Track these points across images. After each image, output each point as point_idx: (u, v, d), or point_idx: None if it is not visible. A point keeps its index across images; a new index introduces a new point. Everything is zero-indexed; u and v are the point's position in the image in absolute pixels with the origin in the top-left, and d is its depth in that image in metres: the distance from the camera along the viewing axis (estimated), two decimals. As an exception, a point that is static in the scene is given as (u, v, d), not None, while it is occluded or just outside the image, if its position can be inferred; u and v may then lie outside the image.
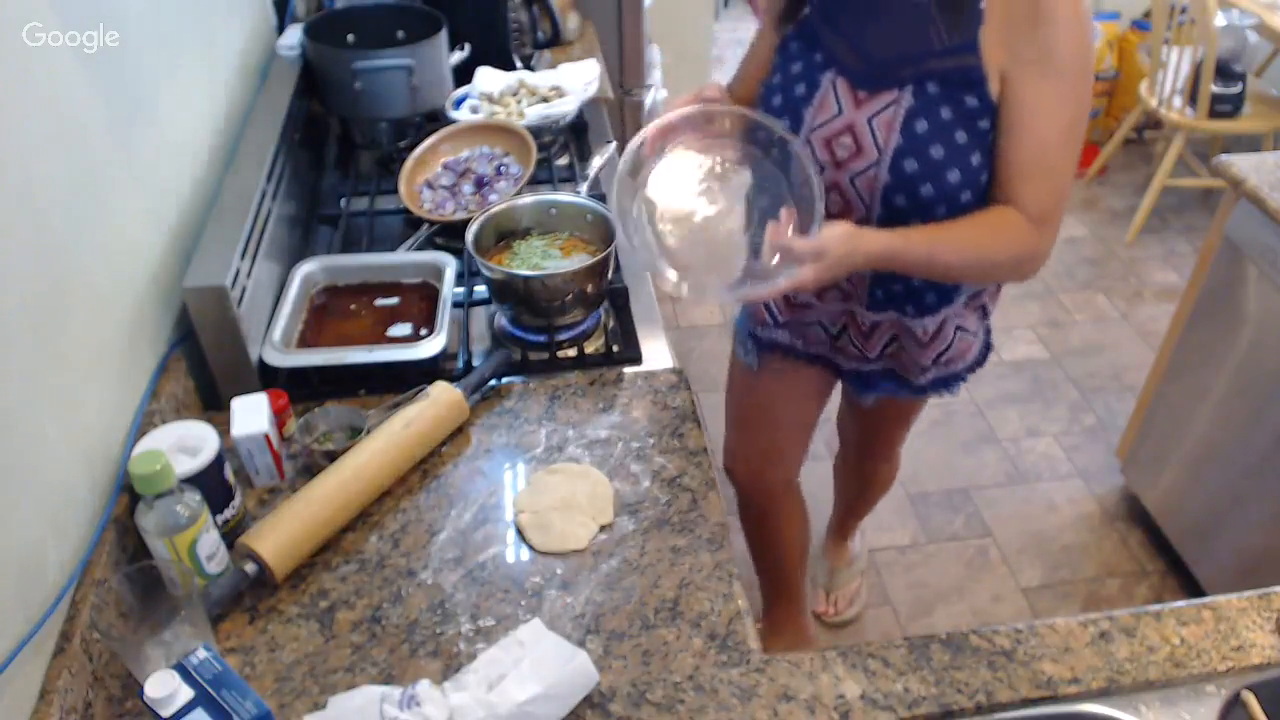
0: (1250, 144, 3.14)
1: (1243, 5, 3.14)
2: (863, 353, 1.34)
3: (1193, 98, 3.12)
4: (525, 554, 1.05)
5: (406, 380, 1.22)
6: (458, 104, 1.78)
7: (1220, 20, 3.01)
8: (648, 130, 1.13)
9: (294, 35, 1.73)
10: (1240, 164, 1.75)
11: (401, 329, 1.32)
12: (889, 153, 1.08)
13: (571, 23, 2.19)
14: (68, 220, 0.98)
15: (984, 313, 1.35)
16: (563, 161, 1.79)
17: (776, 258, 1.05)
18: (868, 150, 1.09)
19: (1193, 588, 2.08)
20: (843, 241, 1.03)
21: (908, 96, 1.06)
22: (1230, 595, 0.97)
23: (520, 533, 1.07)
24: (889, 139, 1.07)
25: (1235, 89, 3.07)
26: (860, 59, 1.10)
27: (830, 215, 1.12)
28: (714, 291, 1.16)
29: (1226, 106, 3.10)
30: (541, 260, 1.38)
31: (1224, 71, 3.05)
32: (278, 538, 0.99)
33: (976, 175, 1.08)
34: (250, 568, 0.97)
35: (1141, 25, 3.74)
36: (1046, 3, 0.99)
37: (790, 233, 1.04)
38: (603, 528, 1.07)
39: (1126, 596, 2.13)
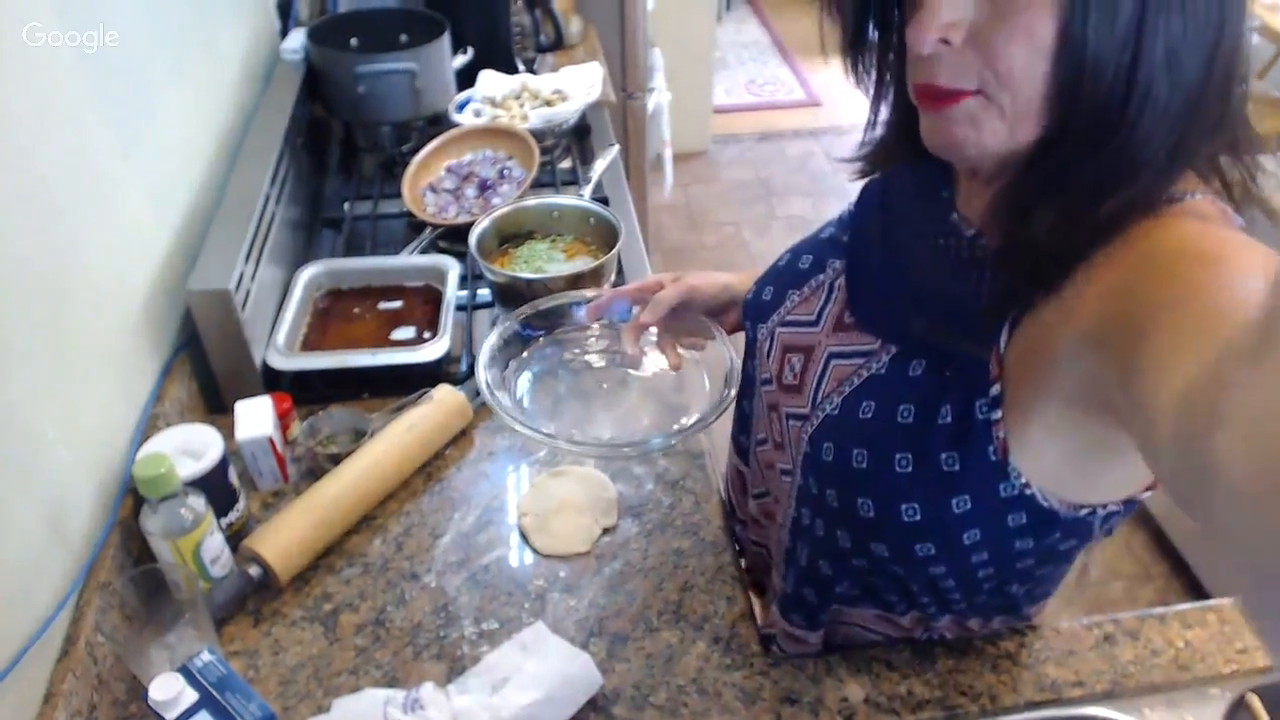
0: (1254, 145, 3.13)
1: (1251, 8, 3.13)
2: None
3: (1196, 99, 3.12)
4: (528, 557, 1.05)
5: (410, 383, 1.22)
6: (461, 107, 1.78)
7: (1223, 22, 3.01)
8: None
9: (297, 39, 1.74)
10: (1243, 166, 1.75)
11: (405, 332, 1.33)
12: (818, 416, 0.77)
13: (574, 26, 2.19)
14: (72, 223, 0.99)
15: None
16: (565, 165, 1.79)
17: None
18: (805, 393, 0.79)
19: (1197, 590, 2.07)
20: None
21: (883, 359, 0.73)
22: (1234, 598, 0.97)
23: (523, 535, 1.07)
24: (829, 397, 0.77)
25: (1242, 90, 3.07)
26: (877, 273, 0.78)
27: (774, 442, 0.89)
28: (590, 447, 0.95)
29: (1230, 108, 3.10)
30: (545, 263, 1.39)
31: (1227, 73, 3.04)
32: (281, 541, 0.99)
33: (902, 535, 0.72)
34: (254, 571, 0.98)
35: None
36: (1137, 243, 0.56)
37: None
38: (605, 530, 1.07)
39: (1131, 599, 2.12)
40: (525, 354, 1.03)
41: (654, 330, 0.98)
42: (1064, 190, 0.59)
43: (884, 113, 0.74)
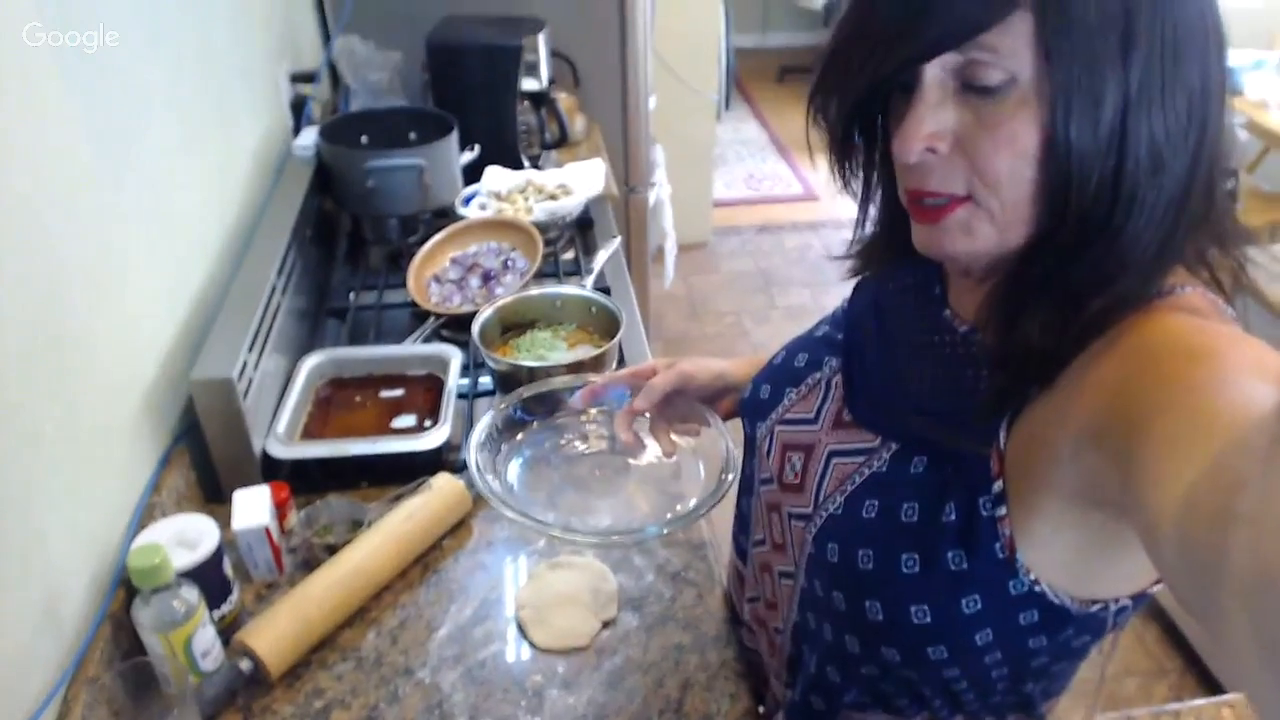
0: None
1: (1231, 104, 3.23)
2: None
3: (1186, 193, 3.19)
4: (526, 652, 1.03)
5: (410, 472, 1.22)
6: (467, 201, 1.83)
7: (1209, 120, 3.09)
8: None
9: (309, 136, 1.79)
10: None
11: (406, 420, 1.33)
12: (821, 515, 0.75)
13: (578, 124, 2.26)
14: (84, 311, 1.00)
15: None
16: (568, 256, 1.82)
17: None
18: (806, 493, 0.78)
19: (1211, 686, 2.02)
20: None
21: (884, 457, 0.72)
22: (1244, 691, 0.94)
23: (521, 629, 1.05)
24: (831, 497, 0.75)
25: (1228, 185, 3.14)
26: (874, 369, 0.77)
27: (773, 543, 0.86)
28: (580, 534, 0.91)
29: (1220, 202, 3.16)
30: (547, 351, 1.40)
31: (1216, 168, 3.11)
32: (274, 634, 0.97)
33: (913, 637, 0.69)
34: (245, 665, 0.95)
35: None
36: (1129, 335, 0.56)
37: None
38: (605, 624, 1.05)
39: (1145, 695, 2.06)
40: (519, 438, 1.00)
41: (647, 416, 0.96)
42: (1054, 289, 0.59)
43: (873, 212, 0.75)
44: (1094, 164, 0.55)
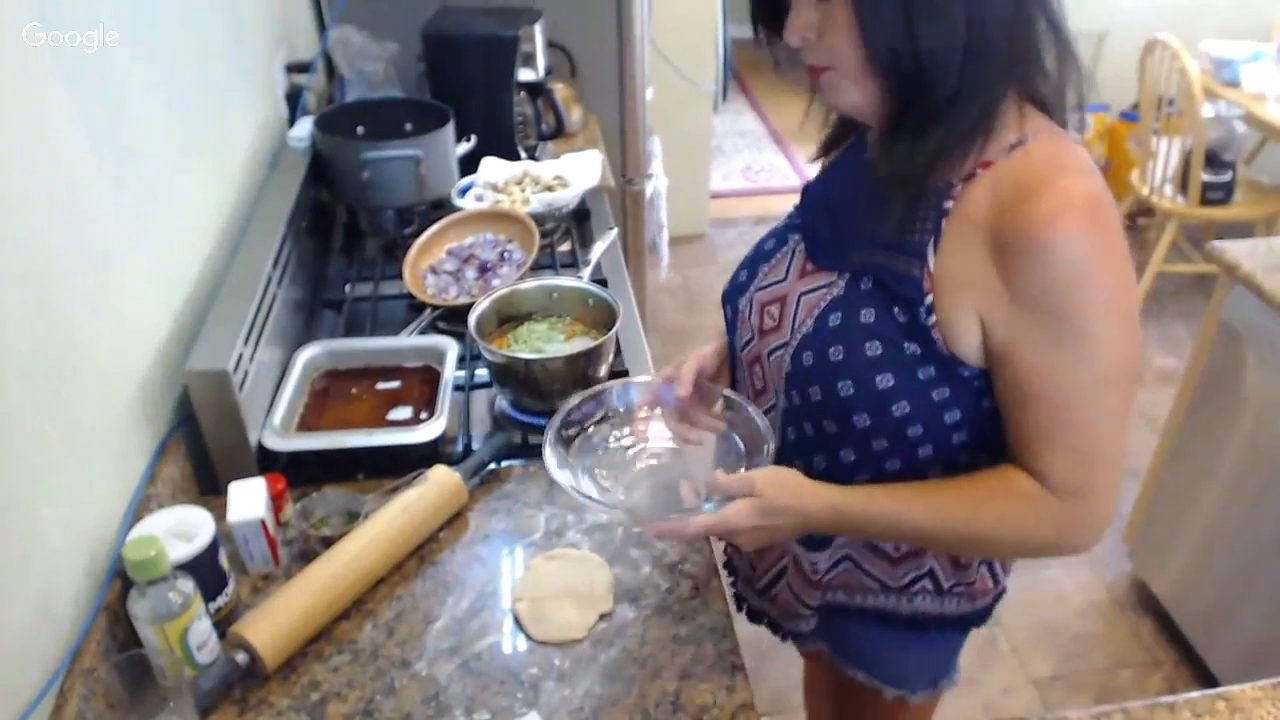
0: (1243, 230, 3.20)
1: (1229, 96, 3.23)
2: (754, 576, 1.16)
3: (1184, 186, 3.19)
4: (522, 643, 1.03)
5: (406, 464, 1.21)
6: (463, 192, 1.82)
7: (1208, 111, 3.10)
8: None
9: (304, 127, 1.78)
10: (1234, 250, 1.77)
11: (402, 412, 1.33)
12: (797, 337, 0.95)
13: (575, 116, 2.25)
14: (78, 303, 1.00)
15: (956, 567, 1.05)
16: (565, 248, 1.82)
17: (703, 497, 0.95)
18: (784, 327, 0.97)
19: (1205, 677, 2.03)
20: (779, 486, 0.90)
21: (840, 284, 0.93)
22: (1244, 685, 0.95)
23: (518, 621, 1.05)
24: (803, 322, 0.95)
25: (1225, 177, 3.14)
26: (826, 228, 0.99)
27: (756, 391, 1.04)
28: (642, 514, 1.01)
29: (1218, 194, 3.16)
30: (543, 344, 1.39)
31: (1214, 160, 3.12)
32: (270, 627, 0.97)
33: (879, 401, 0.89)
34: (241, 657, 0.95)
35: (1129, 117, 3.85)
36: (1040, 237, 0.78)
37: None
38: (602, 616, 1.05)
39: (1139, 688, 2.07)
40: (576, 439, 1.06)
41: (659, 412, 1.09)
42: (907, 124, 0.82)
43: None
44: (890, 35, 0.78)
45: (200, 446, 1.21)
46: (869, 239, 0.91)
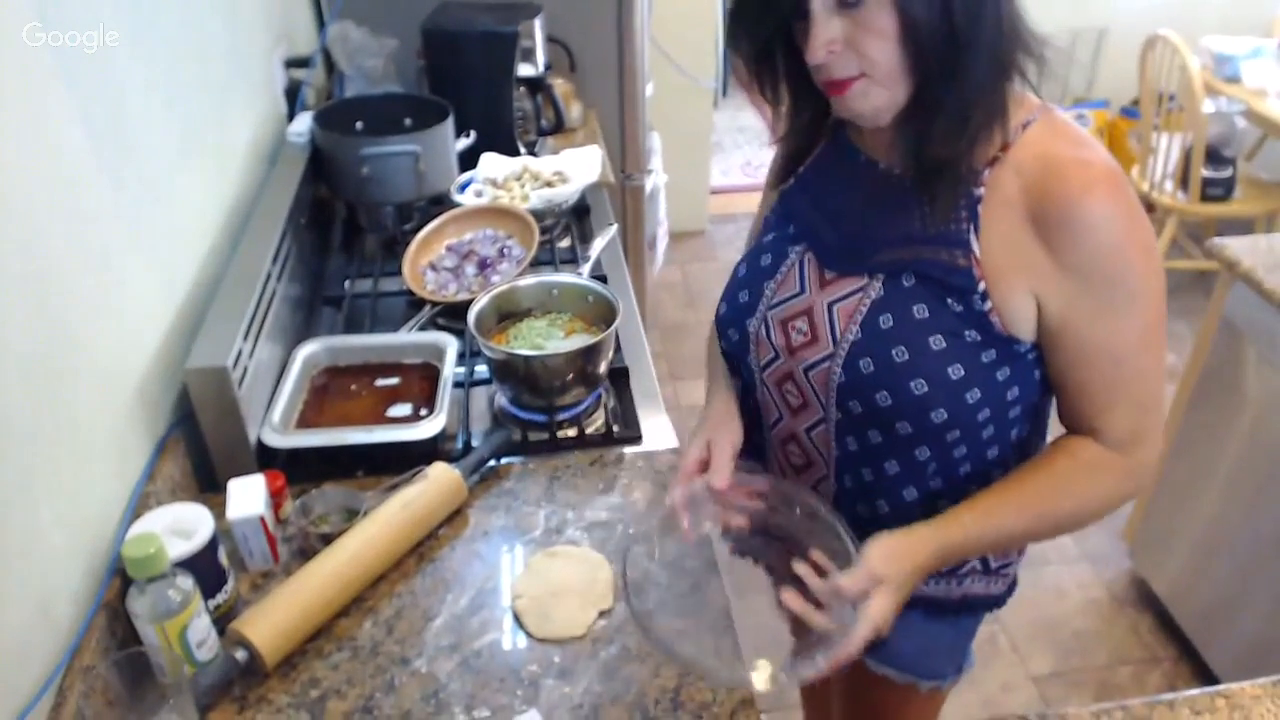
0: (1243, 227, 3.19)
1: (1230, 92, 3.23)
2: None
3: (1184, 182, 3.19)
4: (522, 641, 1.03)
5: (406, 461, 1.21)
6: (462, 188, 1.82)
7: (1208, 107, 3.09)
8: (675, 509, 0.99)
9: (304, 123, 1.78)
10: (1234, 246, 1.77)
11: (401, 409, 1.32)
12: (844, 347, 0.92)
13: (574, 111, 2.24)
14: (76, 300, 0.99)
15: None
16: (564, 244, 1.81)
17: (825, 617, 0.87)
18: (823, 339, 0.94)
19: (1205, 674, 2.03)
20: (892, 558, 0.87)
21: (877, 285, 0.92)
22: (1244, 683, 0.95)
23: (517, 618, 1.05)
24: (846, 331, 0.92)
25: (1226, 173, 3.14)
26: (832, 234, 0.97)
27: (791, 409, 1.01)
28: (785, 675, 0.92)
29: (1218, 190, 3.16)
30: (542, 340, 1.39)
31: (1214, 156, 3.11)
32: (269, 624, 0.97)
33: (954, 392, 0.89)
34: (240, 655, 0.95)
35: (1130, 113, 3.84)
36: (1080, 211, 0.82)
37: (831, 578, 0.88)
38: (602, 613, 1.05)
39: (1139, 685, 2.07)
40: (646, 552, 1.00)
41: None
42: (943, 111, 0.83)
43: (786, 125, 1.00)
44: (933, 30, 0.78)
45: (199, 444, 1.21)
46: (898, 237, 0.91)
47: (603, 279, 1.61)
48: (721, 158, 4.67)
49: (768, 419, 1.06)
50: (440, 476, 1.16)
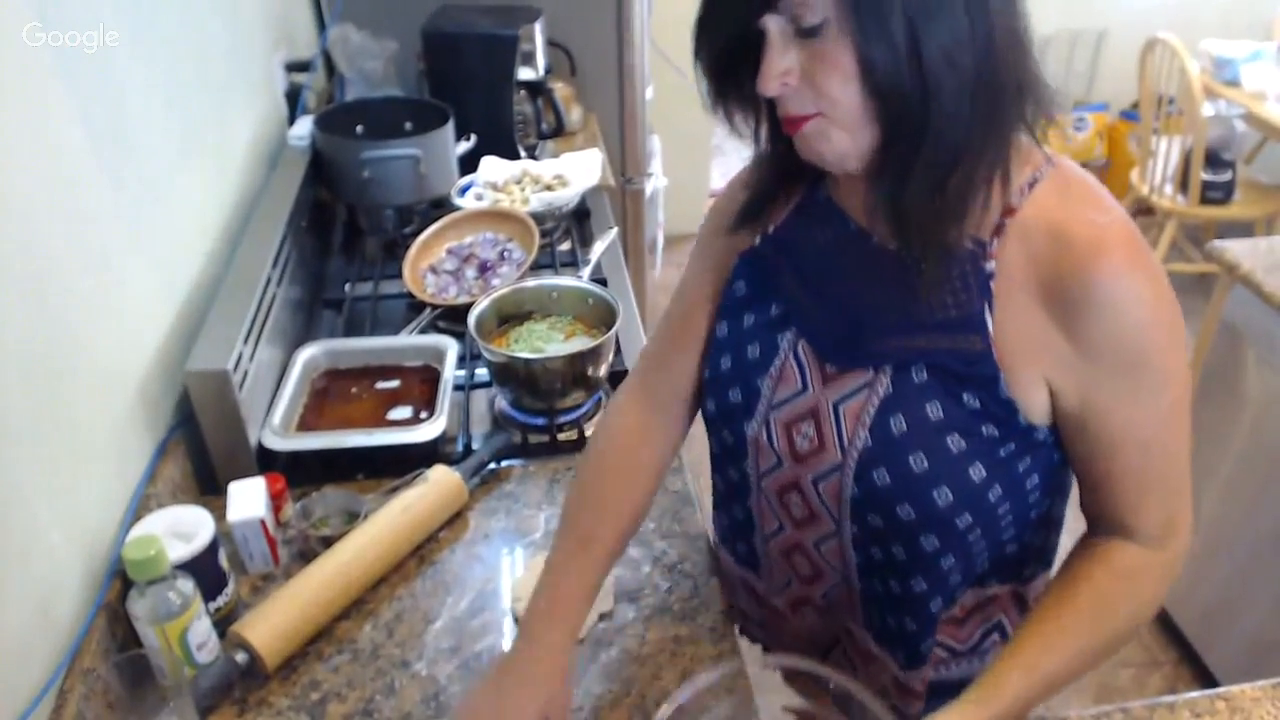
0: (1243, 229, 3.20)
1: (1229, 95, 3.23)
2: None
3: (1184, 185, 3.19)
4: (523, 643, 1.02)
5: (406, 464, 1.21)
6: (463, 191, 1.82)
7: (1208, 110, 3.09)
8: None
9: (304, 126, 1.78)
10: (1234, 249, 1.77)
11: (402, 412, 1.32)
12: (854, 456, 0.81)
13: (574, 115, 2.25)
14: (76, 300, 0.99)
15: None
16: (565, 247, 1.82)
17: None
18: (830, 447, 0.83)
19: (1205, 677, 2.03)
20: None
21: (885, 381, 0.80)
22: (1244, 685, 0.95)
23: (517, 621, 1.05)
24: (854, 436, 0.81)
25: (1225, 176, 3.14)
26: (827, 318, 0.85)
27: (795, 521, 0.90)
28: None
29: (1218, 193, 3.16)
30: (542, 343, 1.39)
31: (1214, 159, 3.12)
32: (269, 626, 0.97)
33: (978, 496, 0.79)
34: (241, 657, 0.95)
35: (1130, 116, 3.84)
36: (1102, 289, 0.72)
37: None
38: (602, 616, 1.05)
39: (1139, 687, 2.07)
40: None
41: None
42: (914, 171, 0.71)
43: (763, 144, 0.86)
44: (897, 72, 0.67)
45: (200, 446, 1.21)
46: (904, 322, 0.79)
47: (603, 282, 1.61)
48: (722, 161, 4.67)
49: (765, 528, 0.95)
50: (441, 479, 1.16)
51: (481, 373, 1.43)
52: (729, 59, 0.76)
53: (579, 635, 0.93)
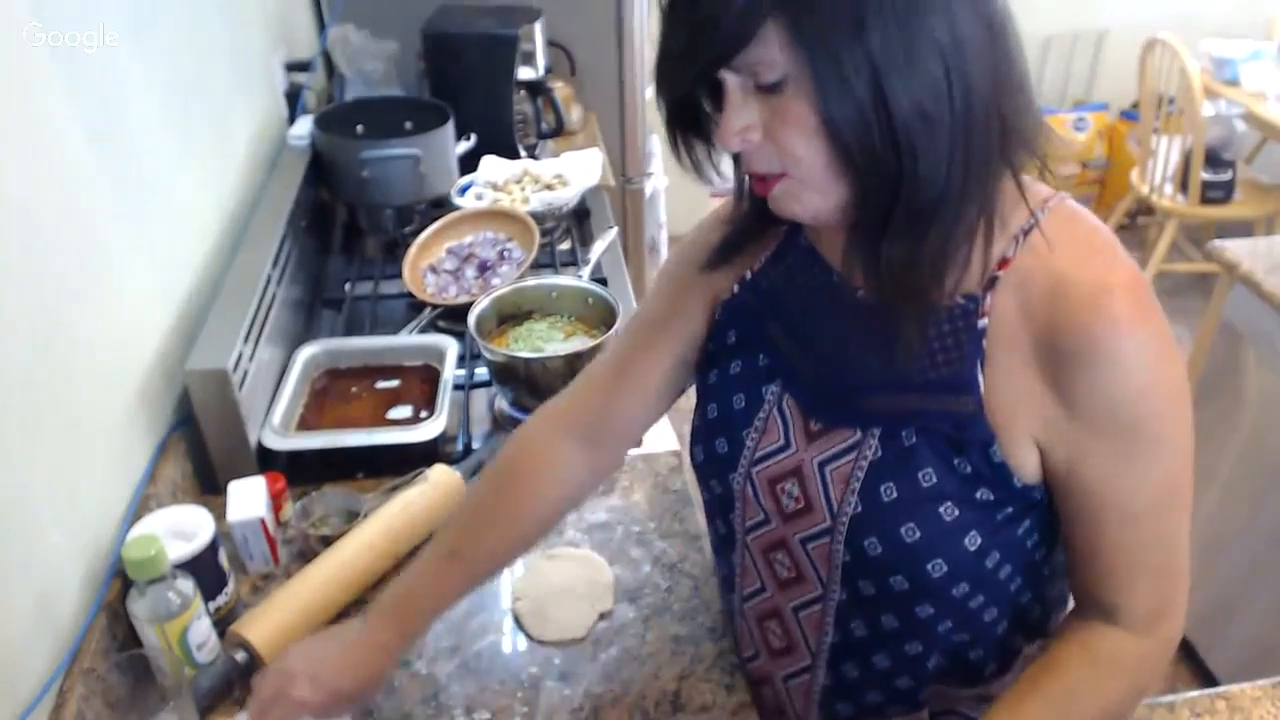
0: (1243, 229, 3.20)
1: (1229, 95, 3.23)
2: None
3: (1184, 185, 3.19)
4: (522, 643, 1.03)
5: (406, 463, 1.21)
6: (463, 191, 1.82)
7: (1208, 110, 3.09)
8: None
9: (304, 126, 1.78)
10: (1234, 249, 1.77)
11: (402, 411, 1.32)
12: (844, 520, 0.77)
13: (575, 114, 2.25)
14: (77, 302, 0.99)
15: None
16: (565, 246, 1.82)
17: None
18: (818, 509, 0.79)
19: (1205, 676, 2.03)
20: None
21: (873, 443, 0.76)
22: (1244, 685, 0.95)
23: (517, 621, 1.05)
24: (844, 502, 0.77)
25: (1225, 176, 3.14)
26: (811, 371, 0.81)
27: (779, 582, 0.86)
28: None
29: (1218, 193, 3.16)
30: (542, 343, 1.39)
31: (1214, 159, 3.12)
32: (270, 626, 0.97)
33: (975, 565, 0.75)
34: (241, 656, 0.95)
35: (1130, 116, 3.84)
36: (1101, 349, 0.67)
37: None
38: (602, 615, 1.05)
39: (1140, 687, 2.07)
40: None
41: None
42: (891, 229, 0.66)
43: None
44: (864, 128, 0.62)
45: (200, 446, 1.21)
46: (892, 381, 0.75)
47: (603, 282, 1.61)
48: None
49: (744, 586, 0.90)
50: (441, 479, 1.16)
51: (481, 372, 1.43)
52: (689, 108, 0.71)
53: (419, 636, 0.92)
